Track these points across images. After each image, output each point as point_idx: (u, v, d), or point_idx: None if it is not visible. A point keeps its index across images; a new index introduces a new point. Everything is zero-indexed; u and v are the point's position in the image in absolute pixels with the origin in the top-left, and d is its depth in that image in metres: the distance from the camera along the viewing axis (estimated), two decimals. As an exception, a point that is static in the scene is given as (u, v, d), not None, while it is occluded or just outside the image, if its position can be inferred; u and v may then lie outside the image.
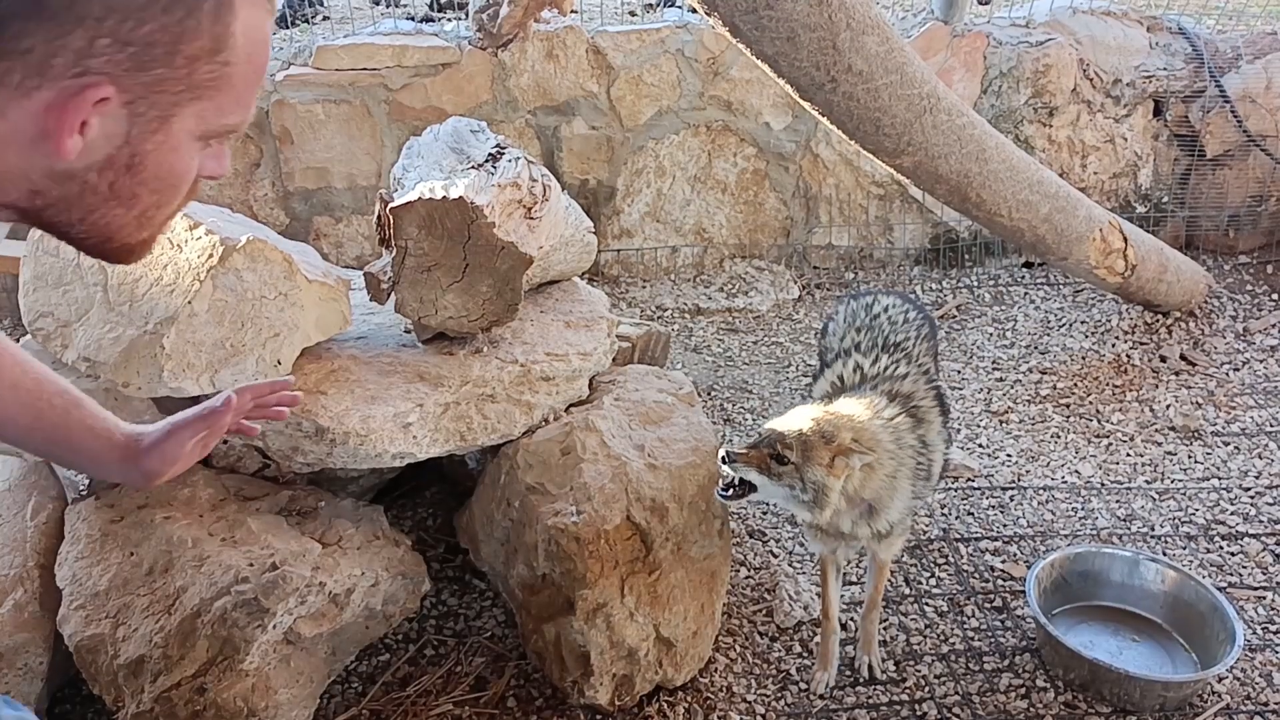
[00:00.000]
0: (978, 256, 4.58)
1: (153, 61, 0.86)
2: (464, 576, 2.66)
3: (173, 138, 0.92)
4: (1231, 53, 4.50)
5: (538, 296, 2.75)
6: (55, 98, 0.84)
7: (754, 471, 2.11)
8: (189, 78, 0.89)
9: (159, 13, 0.84)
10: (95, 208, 0.94)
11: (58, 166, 0.89)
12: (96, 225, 0.96)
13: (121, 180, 0.92)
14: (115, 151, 0.90)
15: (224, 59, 0.90)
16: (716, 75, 4.23)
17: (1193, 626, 2.50)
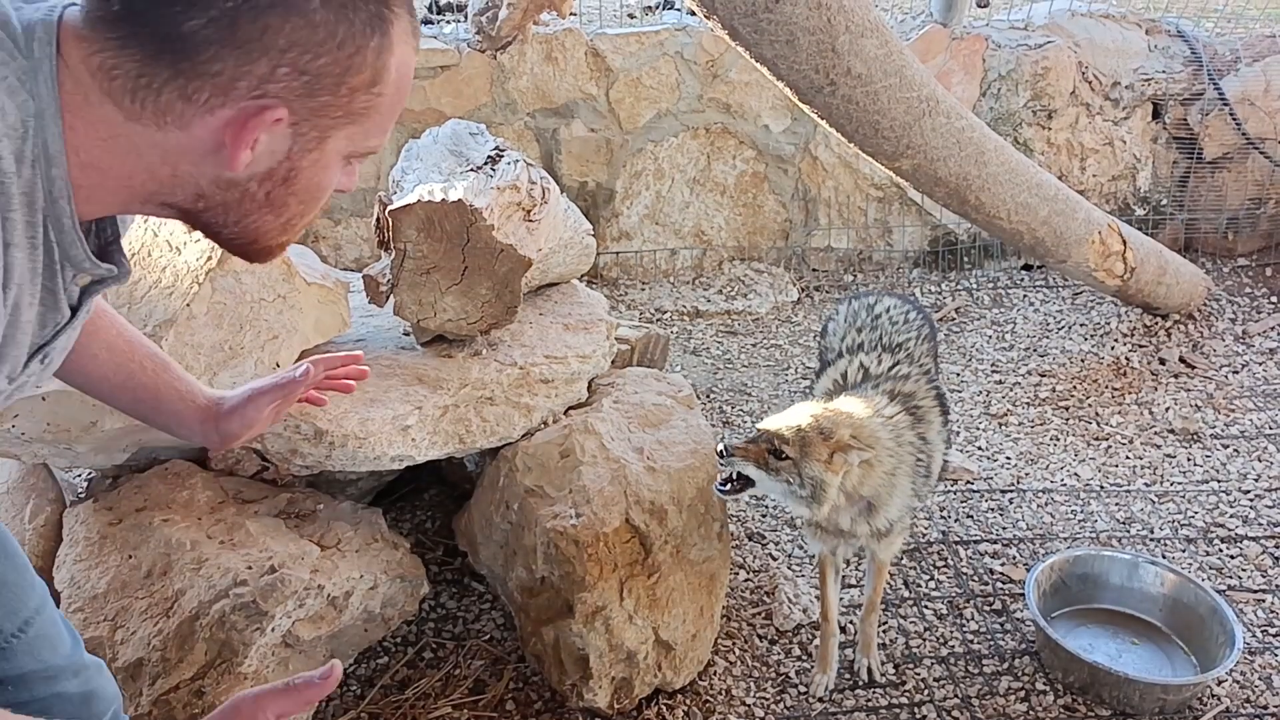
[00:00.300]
0: (977, 259, 4.59)
1: (321, 90, 0.97)
2: (463, 579, 2.66)
3: (325, 156, 1.03)
4: (1230, 55, 4.50)
5: (536, 299, 2.75)
6: (235, 116, 0.95)
7: (752, 466, 2.11)
8: (348, 105, 1.00)
9: (334, 48, 0.95)
10: (250, 213, 1.05)
11: (225, 175, 1.00)
12: (247, 228, 1.07)
13: (277, 190, 1.04)
14: (276, 165, 1.01)
15: (378, 90, 1.01)
16: (715, 78, 4.23)
17: (1192, 629, 2.50)
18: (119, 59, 0.93)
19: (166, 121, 0.95)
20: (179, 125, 0.96)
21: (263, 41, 0.92)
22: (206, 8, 0.91)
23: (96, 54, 0.93)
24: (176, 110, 0.95)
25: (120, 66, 0.93)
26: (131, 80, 0.93)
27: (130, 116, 0.95)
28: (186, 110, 0.95)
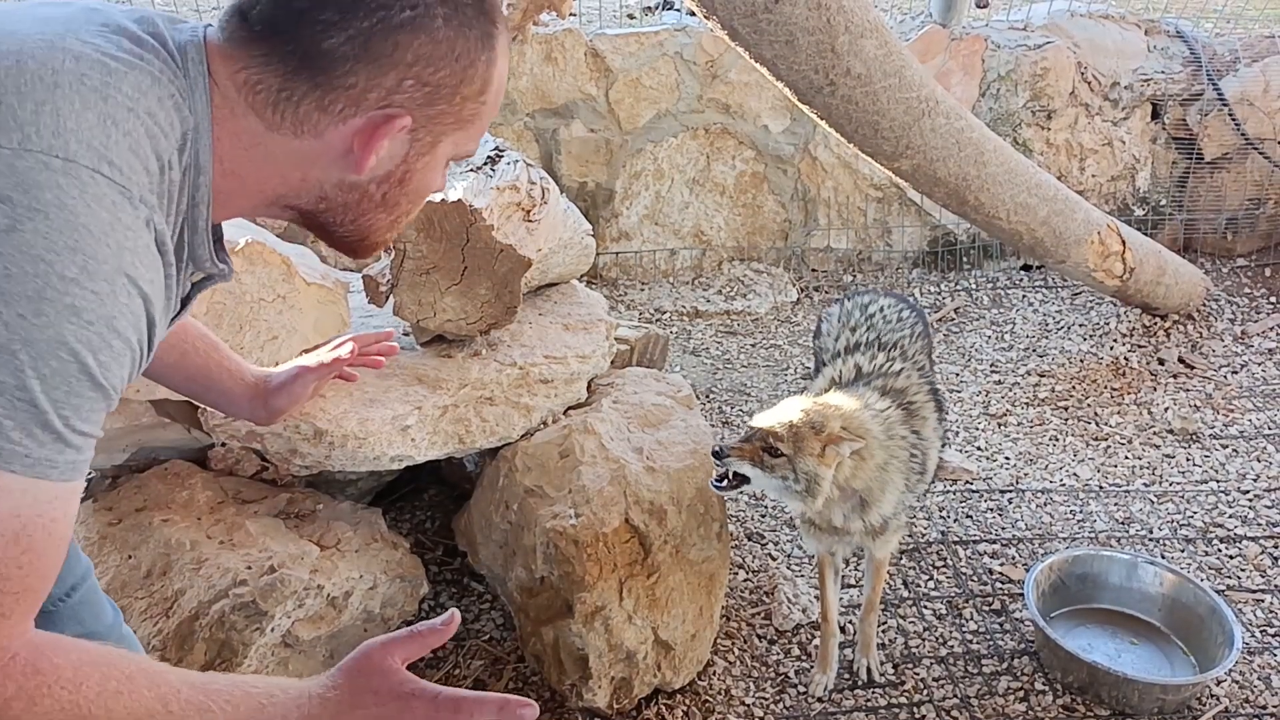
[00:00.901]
0: (976, 259, 4.59)
1: (439, 99, 1.06)
2: (462, 579, 2.66)
3: (435, 159, 1.12)
4: (1229, 56, 4.50)
5: (536, 299, 2.75)
6: (364, 124, 1.04)
7: (747, 465, 2.12)
8: (459, 113, 1.09)
9: (452, 61, 1.04)
10: (366, 212, 1.14)
11: (348, 178, 1.09)
12: (360, 227, 1.16)
13: (392, 191, 1.13)
14: (394, 168, 1.10)
15: (484, 99, 1.10)
16: (715, 78, 4.24)
17: (1191, 629, 2.50)
18: (263, 75, 1.01)
19: (303, 130, 1.04)
20: (314, 134, 1.04)
21: (393, 57, 1.01)
22: (344, 27, 0.99)
23: (242, 71, 1.02)
24: (313, 120, 1.03)
25: (264, 81, 1.01)
26: (274, 94, 1.02)
27: (271, 127, 1.03)
28: (322, 120, 1.03)
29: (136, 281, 0.91)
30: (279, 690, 1.01)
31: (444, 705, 1.05)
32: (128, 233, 0.90)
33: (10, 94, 0.88)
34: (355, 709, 1.03)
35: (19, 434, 0.84)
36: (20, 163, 0.85)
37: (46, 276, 0.84)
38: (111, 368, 0.89)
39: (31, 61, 0.91)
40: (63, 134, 0.88)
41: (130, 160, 0.92)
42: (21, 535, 0.85)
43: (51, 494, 0.87)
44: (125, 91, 0.94)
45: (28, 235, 0.83)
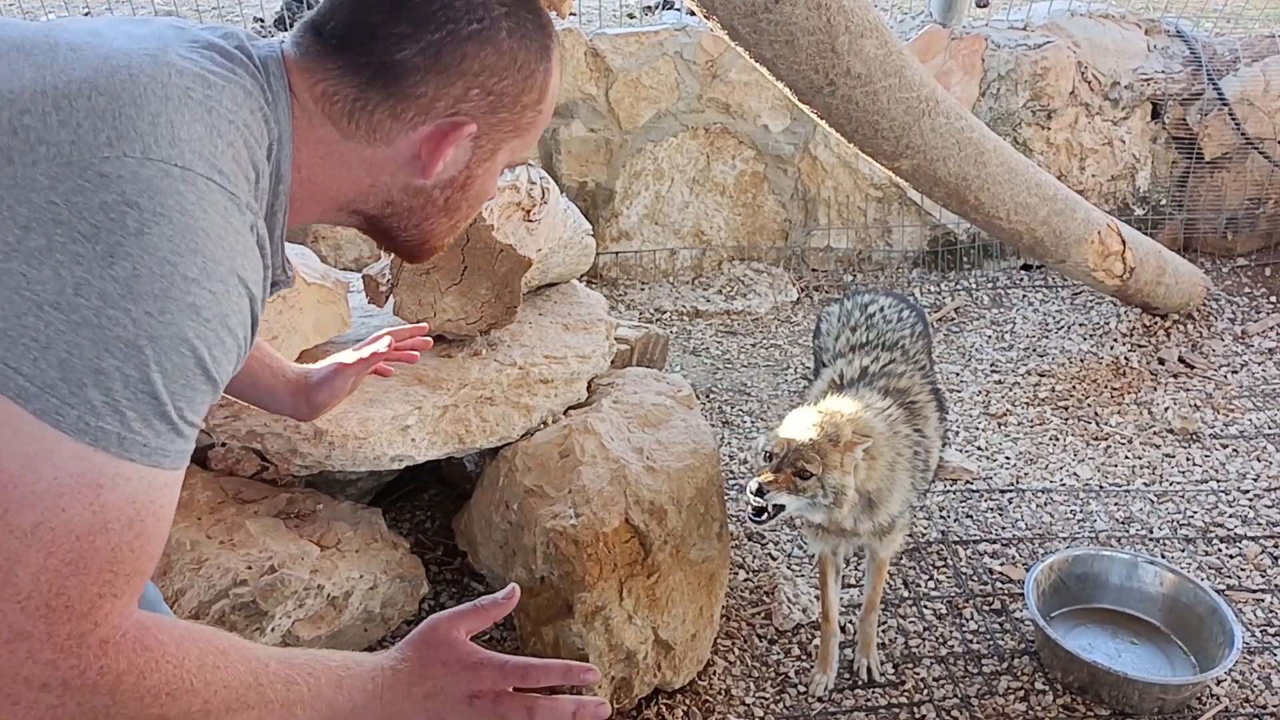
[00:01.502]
0: (976, 259, 4.59)
1: (502, 107, 1.12)
2: (462, 579, 2.66)
3: (494, 165, 1.18)
4: (1229, 56, 4.50)
5: (536, 299, 2.75)
6: (433, 131, 1.09)
7: (785, 494, 2.11)
8: (518, 120, 1.15)
9: (514, 71, 1.10)
10: (429, 217, 1.19)
11: (415, 183, 1.14)
12: (423, 231, 1.21)
13: (455, 196, 1.18)
14: (457, 174, 1.16)
15: (540, 108, 1.16)
16: (715, 78, 4.24)
17: (1191, 629, 2.50)
18: (339, 86, 1.07)
19: (376, 138, 1.09)
20: (386, 141, 1.10)
21: (460, 67, 1.07)
22: (416, 40, 1.06)
23: (319, 83, 1.08)
24: (385, 128, 1.09)
25: (340, 92, 1.07)
26: (349, 104, 1.08)
27: (346, 135, 1.09)
28: (394, 127, 1.09)
29: (245, 282, 0.96)
30: (354, 663, 1.05)
31: (511, 672, 1.09)
32: (238, 236, 0.96)
33: (128, 105, 0.93)
34: (426, 679, 1.07)
35: (139, 424, 0.89)
36: (144, 170, 0.91)
37: (171, 277, 0.89)
38: (223, 362, 0.95)
39: (142, 75, 0.96)
40: (178, 144, 0.93)
41: (234, 169, 0.98)
42: (135, 520, 0.90)
43: (162, 481, 0.92)
44: (225, 104, 0.99)
45: (154, 238, 0.89)
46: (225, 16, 4.90)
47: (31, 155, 0.90)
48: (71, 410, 0.86)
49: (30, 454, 0.86)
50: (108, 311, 0.86)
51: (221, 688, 0.95)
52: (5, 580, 0.85)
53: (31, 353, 0.86)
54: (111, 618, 0.89)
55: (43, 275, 0.86)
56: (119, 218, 0.88)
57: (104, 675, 0.88)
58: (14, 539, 0.85)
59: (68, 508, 0.86)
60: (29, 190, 0.88)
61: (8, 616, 0.85)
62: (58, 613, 0.86)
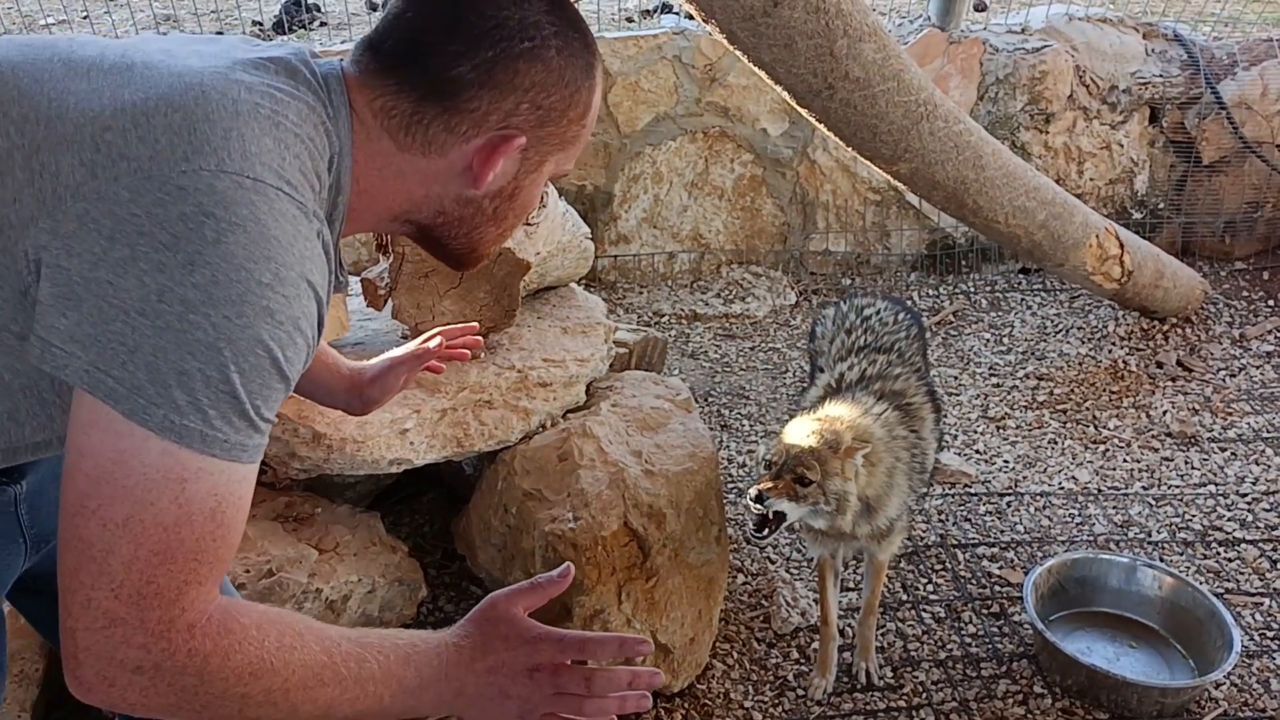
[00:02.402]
0: (974, 262, 4.59)
1: (550, 121, 1.16)
2: (461, 583, 2.66)
3: (540, 176, 1.22)
4: (1227, 59, 4.51)
5: (535, 302, 2.75)
6: (485, 144, 1.13)
7: (785, 501, 2.11)
8: (564, 134, 1.19)
9: (563, 87, 1.15)
10: (478, 226, 1.23)
11: (466, 193, 1.18)
12: (471, 239, 1.25)
13: (503, 206, 1.22)
14: (506, 184, 1.19)
15: (584, 122, 1.21)
16: (714, 82, 4.24)
17: (1190, 632, 2.50)
18: (397, 101, 1.12)
19: (431, 150, 1.13)
20: (440, 153, 1.14)
21: (513, 83, 1.11)
22: (471, 57, 1.10)
23: (378, 98, 1.12)
24: (440, 141, 1.13)
25: (398, 107, 1.12)
26: (406, 118, 1.12)
27: (402, 148, 1.13)
28: (448, 140, 1.13)
29: (314, 286, 1.02)
30: (420, 640, 1.09)
31: (569, 645, 1.12)
32: (307, 243, 1.01)
33: (201, 121, 0.98)
34: (488, 654, 1.11)
35: (220, 421, 0.94)
36: (219, 183, 0.95)
37: (247, 283, 0.94)
38: (295, 362, 1.00)
39: (214, 92, 1.01)
40: (250, 157, 0.98)
41: (300, 180, 1.03)
42: (217, 512, 0.95)
43: (241, 475, 0.97)
44: (291, 119, 1.04)
45: (231, 246, 0.94)
46: (224, 20, 4.90)
47: (114, 170, 0.95)
48: (158, 410, 0.92)
49: (121, 451, 0.92)
50: (189, 316, 0.92)
51: (299, 666, 0.99)
52: (100, 570, 0.91)
53: (120, 356, 0.91)
54: (197, 603, 0.94)
55: (128, 283, 0.92)
56: (197, 228, 0.93)
57: (192, 657, 0.94)
58: (107, 531, 0.91)
59: (156, 501, 0.92)
60: (112, 203, 0.94)
61: (103, 604, 0.91)
62: (148, 599, 0.92)
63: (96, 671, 0.93)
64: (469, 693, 1.09)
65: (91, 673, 0.93)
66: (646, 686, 1.13)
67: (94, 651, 0.92)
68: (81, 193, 0.95)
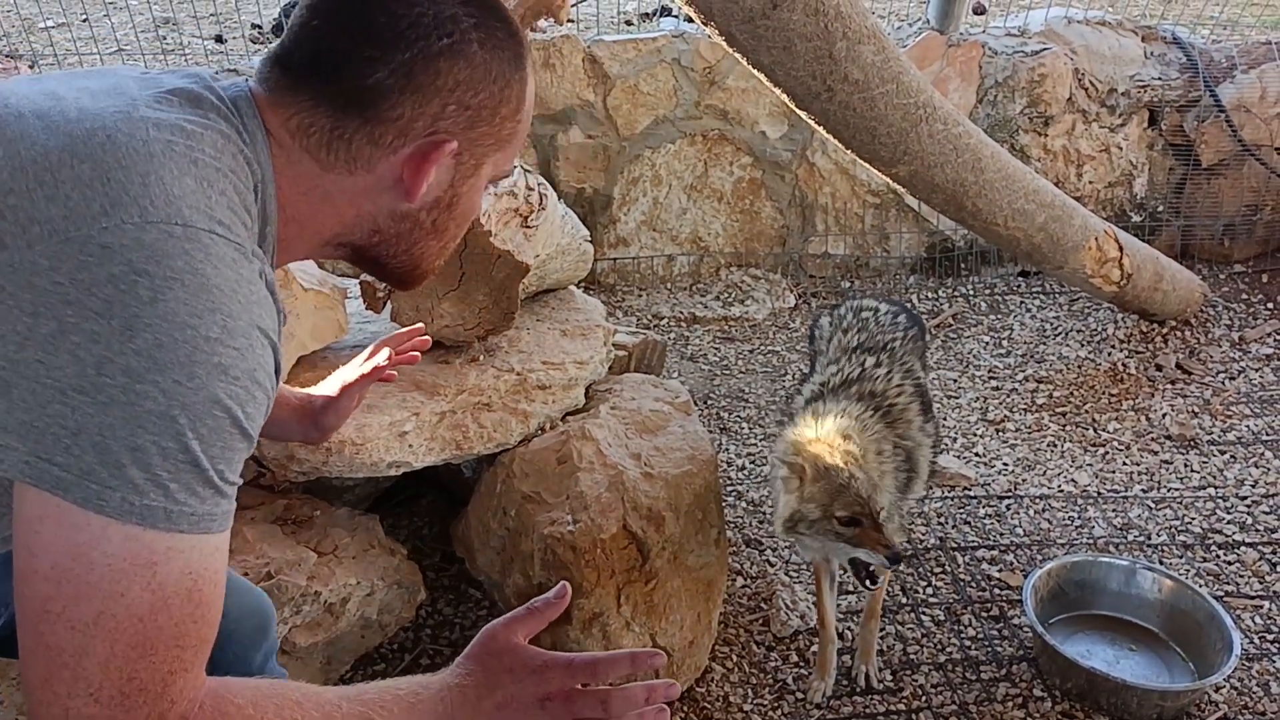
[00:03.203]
0: (974, 265, 4.59)
1: (480, 121, 1.09)
2: (460, 585, 2.66)
3: (479, 181, 1.16)
4: (1226, 62, 4.51)
5: (534, 305, 2.75)
6: (414, 153, 1.07)
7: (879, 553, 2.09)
8: (499, 133, 1.12)
9: (490, 83, 1.08)
10: (417, 241, 1.16)
11: (400, 207, 1.11)
12: (412, 256, 1.18)
13: (442, 217, 1.15)
14: (442, 194, 1.13)
15: (519, 118, 1.14)
16: (713, 84, 4.24)
17: (1190, 635, 2.50)
18: (313, 117, 1.05)
19: (357, 166, 1.07)
20: (367, 168, 1.07)
21: (435, 84, 1.05)
22: (386, 62, 1.03)
23: (293, 116, 1.05)
24: (365, 155, 1.06)
25: (315, 124, 1.05)
26: (326, 134, 1.05)
27: (325, 167, 1.06)
28: (374, 154, 1.06)
29: (265, 332, 0.95)
30: (420, 688, 1.04)
31: (579, 670, 1.07)
32: (251, 287, 0.94)
33: (114, 169, 0.90)
34: (495, 690, 1.05)
35: (184, 494, 0.87)
36: (146, 235, 0.88)
37: (194, 340, 0.87)
38: (255, 417, 0.94)
39: (120, 135, 0.93)
40: (173, 201, 0.91)
41: (231, 217, 0.96)
42: (194, 591, 0.88)
43: (213, 546, 0.91)
44: (209, 153, 0.97)
45: (170, 304, 0.86)
46: (223, 23, 4.90)
47: (25, 237, 0.87)
48: (114, 493, 0.84)
49: (79, 544, 0.84)
50: (135, 387, 0.85)
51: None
52: (75, 676, 0.84)
53: (63, 441, 0.84)
54: (186, 692, 0.88)
55: (60, 360, 0.84)
56: (130, 288, 0.86)
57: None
58: (76, 633, 0.84)
59: (126, 592, 0.85)
60: (30, 274, 0.86)
61: (83, 712, 0.84)
62: (132, 698, 0.85)
63: None
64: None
65: None
66: (664, 699, 1.08)
67: None
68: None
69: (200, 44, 4.71)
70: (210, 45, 4.69)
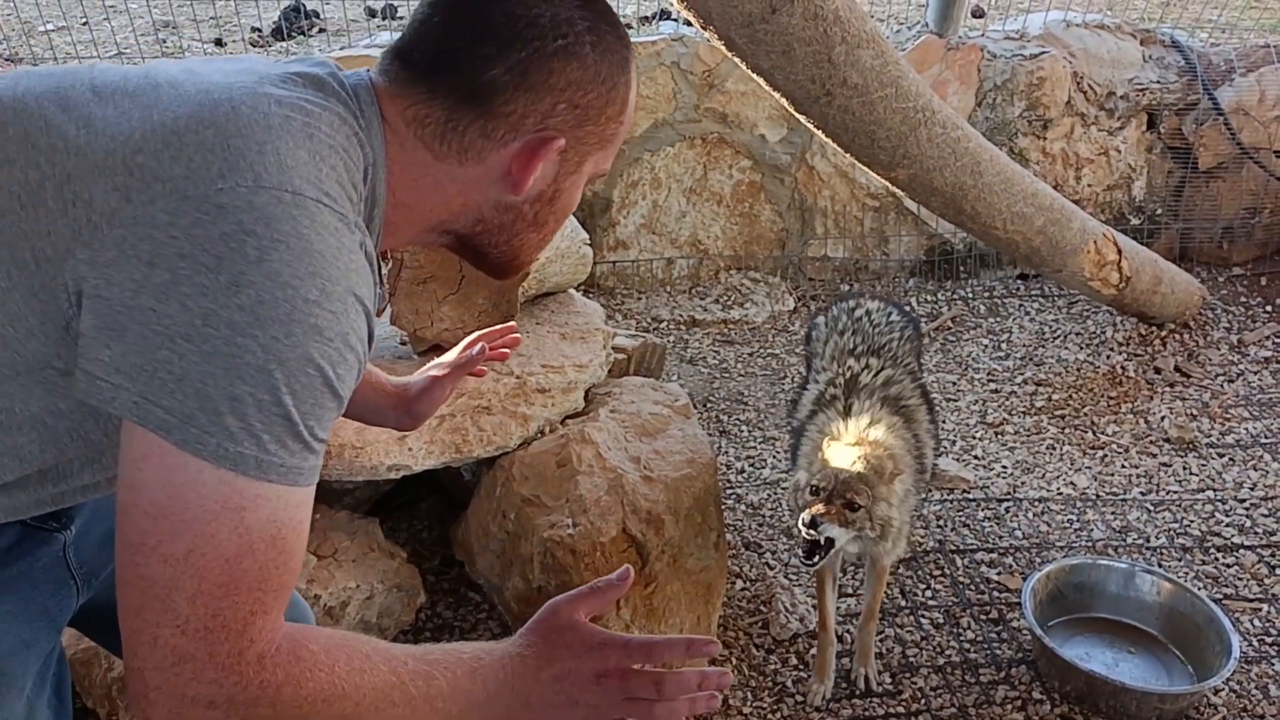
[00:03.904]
0: (973, 268, 4.59)
1: (587, 120, 1.15)
2: (459, 589, 2.66)
3: (580, 177, 1.20)
4: (1225, 66, 4.52)
5: (533, 308, 2.75)
6: (523, 148, 1.12)
7: (835, 526, 2.10)
8: (602, 132, 1.18)
9: (599, 84, 1.13)
10: (519, 232, 1.21)
11: (505, 199, 1.16)
12: (512, 246, 1.23)
13: (543, 210, 1.20)
14: (546, 187, 1.17)
15: (622, 119, 1.20)
16: (712, 88, 4.25)
17: (1189, 638, 2.50)
18: (430, 109, 1.10)
19: (468, 158, 1.12)
20: (477, 160, 1.12)
21: (548, 83, 1.10)
22: (503, 59, 1.08)
23: (410, 107, 1.10)
24: (477, 147, 1.11)
25: (431, 115, 1.10)
26: (441, 125, 1.10)
27: (438, 157, 1.11)
28: (486, 146, 1.11)
29: (361, 299, 1.00)
30: (484, 653, 1.08)
31: (636, 650, 1.10)
32: (351, 256, 0.99)
33: (234, 136, 0.96)
34: (553, 663, 1.09)
35: (275, 446, 0.92)
36: (258, 199, 0.93)
37: (294, 300, 0.92)
38: (346, 379, 0.98)
39: (244, 107, 0.99)
40: (286, 170, 0.96)
41: (338, 191, 1.00)
42: (278, 539, 0.93)
43: (299, 498, 0.95)
44: (324, 131, 1.02)
45: (275, 264, 0.91)
46: (224, 26, 4.91)
47: (149, 192, 0.93)
48: (211, 438, 0.89)
49: (176, 484, 0.90)
50: (236, 339, 0.89)
51: (370, 689, 0.98)
52: (164, 607, 0.89)
53: (169, 385, 0.89)
54: (265, 633, 0.93)
55: (171, 309, 0.90)
56: (239, 247, 0.91)
57: (265, 688, 0.92)
58: (169, 567, 0.89)
59: (216, 533, 0.90)
60: (150, 227, 0.92)
61: (170, 641, 0.89)
62: (215, 633, 0.90)
63: (168, 709, 0.91)
64: (535, 703, 1.08)
65: (163, 711, 0.91)
66: (716, 687, 1.11)
67: (164, 690, 0.90)
68: (117, 219, 0.93)
69: (200, 47, 4.71)
70: (210, 49, 4.69)
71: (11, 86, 1.03)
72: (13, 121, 0.99)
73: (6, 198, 0.96)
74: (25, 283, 0.95)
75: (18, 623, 1.16)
